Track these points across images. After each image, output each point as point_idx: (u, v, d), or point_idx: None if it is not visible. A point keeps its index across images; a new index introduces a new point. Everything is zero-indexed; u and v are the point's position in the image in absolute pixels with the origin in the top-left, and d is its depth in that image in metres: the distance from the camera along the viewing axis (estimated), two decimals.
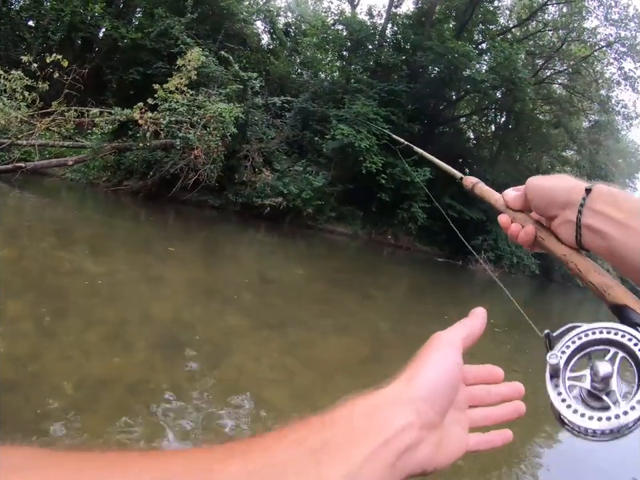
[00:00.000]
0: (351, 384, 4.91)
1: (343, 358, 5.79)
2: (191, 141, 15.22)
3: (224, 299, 7.30)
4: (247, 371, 4.75)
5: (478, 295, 16.40)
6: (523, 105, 24.25)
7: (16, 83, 14.99)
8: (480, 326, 0.59)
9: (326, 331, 6.75)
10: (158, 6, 21.11)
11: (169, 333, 5.31)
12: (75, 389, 3.73)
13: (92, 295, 6.16)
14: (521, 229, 0.75)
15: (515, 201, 0.78)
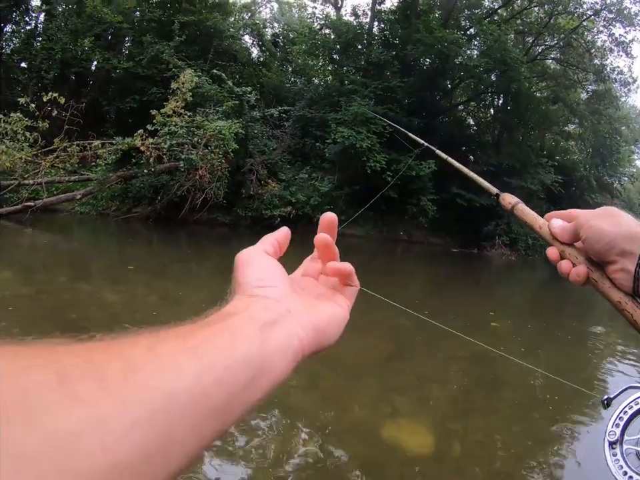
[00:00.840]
0: (377, 383, 4.93)
1: (367, 358, 5.76)
2: (194, 162, 15.33)
3: None
4: None
5: (496, 281, 16.28)
6: (518, 85, 24.09)
7: (16, 124, 15.22)
8: (279, 235, 0.60)
9: (347, 333, 6.58)
10: (145, 33, 21.38)
11: None
12: None
13: (112, 323, 6.17)
14: (571, 267, 0.72)
15: (563, 233, 0.74)
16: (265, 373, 0.42)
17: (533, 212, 0.83)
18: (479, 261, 20.76)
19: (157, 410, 0.32)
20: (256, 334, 0.43)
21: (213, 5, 24.03)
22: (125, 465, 0.30)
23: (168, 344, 0.38)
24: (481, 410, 4.56)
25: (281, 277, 0.54)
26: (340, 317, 0.57)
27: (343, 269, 0.60)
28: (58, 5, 21.99)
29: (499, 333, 7.77)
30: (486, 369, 5.72)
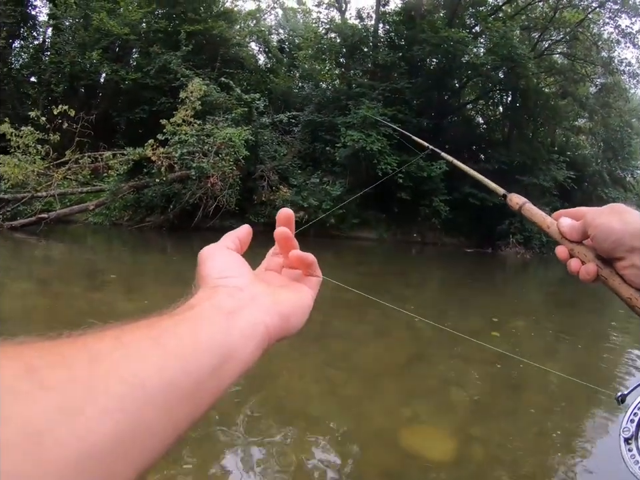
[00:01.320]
0: (397, 388, 4.88)
1: (385, 363, 5.71)
2: (205, 170, 15.38)
3: None
4: (291, 389, 4.73)
5: (511, 280, 16.17)
6: (526, 81, 24.01)
7: (27, 138, 15.38)
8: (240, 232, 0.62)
9: (364, 338, 6.69)
10: (152, 44, 21.50)
11: None
12: None
13: None
14: (580, 265, 0.72)
15: (572, 231, 0.73)
16: (232, 359, 0.43)
17: (540, 211, 0.83)
18: (494, 260, 20.62)
19: (126, 397, 0.33)
20: (220, 321, 0.44)
21: (218, 14, 24.14)
22: (99, 452, 0.30)
23: (133, 334, 0.38)
24: (501, 413, 4.52)
25: (244, 268, 0.55)
26: (304, 304, 0.58)
27: (305, 257, 0.61)
28: (65, 19, 22.09)
29: (517, 333, 7.70)
30: (505, 371, 5.65)
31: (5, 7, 21.10)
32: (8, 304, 7.53)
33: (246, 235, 0.62)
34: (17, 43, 24.11)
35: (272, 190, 18.72)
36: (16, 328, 6.18)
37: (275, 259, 0.66)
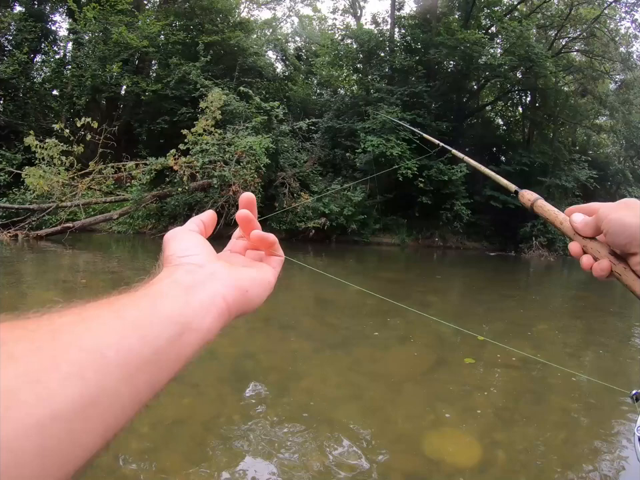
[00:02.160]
0: (420, 393, 4.87)
1: (408, 368, 5.70)
2: (227, 178, 15.46)
3: (283, 326, 7.38)
4: (315, 393, 4.73)
5: (536, 283, 15.96)
6: (545, 81, 23.73)
7: (52, 150, 15.64)
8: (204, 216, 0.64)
9: (388, 343, 6.67)
10: (171, 56, 21.77)
11: (235, 367, 5.39)
12: (151, 430, 3.80)
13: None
14: (593, 262, 0.71)
15: (585, 227, 0.72)
16: (191, 330, 0.45)
17: (553, 208, 0.83)
18: (517, 263, 20.41)
19: (86, 365, 0.35)
20: (179, 294, 0.47)
21: (234, 24, 24.33)
22: (61, 414, 0.32)
23: (94, 310, 0.41)
24: (526, 418, 4.47)
25: (205, 248, 0.57)
26: (264, 280, 0.60)
27: (266, 236, 0.63)
28: (84, 33, 22.40)
29: (542, 337, 7.62)
30: (530, 375, 5.61)
31: (26, 23, 21.58)
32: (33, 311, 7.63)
33: (210, 218, 0.65)
34: (38, 57, 24.58)
35: (293, 197, 18.75)
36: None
37: (239, 242, 0.68)
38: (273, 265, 0.65)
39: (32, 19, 22.09)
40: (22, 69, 21.11)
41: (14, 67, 20.37)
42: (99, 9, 21.42)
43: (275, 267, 0.65)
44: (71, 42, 25.12)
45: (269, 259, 0.65)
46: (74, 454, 0.34)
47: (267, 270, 0.63)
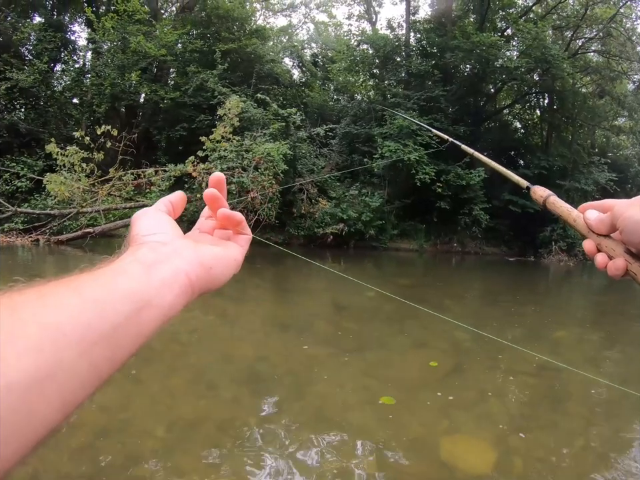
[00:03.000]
0: (437, 399, 4.82)
1: (424, 374, 5.68)
2: (245, 184, 15.54)
3: (299, 330, 7.37)
4: (330, 398, 4.73)
5: (555, 289, 15.82)
6: (562, 82, 23.49)
7: (72, 157, 15.89)
8: (173, 197, 0.65)
9: (404, 349, 6.66)
10: (189, 64, 21.99)
11: (251, 370, 5.41)
12: (166, 432, 3.85)
13: (172, 342, 6.36)
14: (608, 260, 0.69)
15: (599, 224, 0.70)
16: (151, 306, 0.47)
17: (566, 204, 0.80)
18: (536, 269, 20.20)
19: (44, 339, 0.37)
20: (139, 271, 0.48)
21: (251, 32, 24.46)
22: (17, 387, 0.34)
23: (53, 287, 0.42)
24: (544, 425, 4.42)
25: (171, 227, 0.58)
26: (229, 257, 0.61)
27: (233, 214, 0.64)
28: (103, 43, 22.74)
29: (561, 343, 7.55)
30: (548, 381, 5.56)
31: (46, 33, 21.95)
32: None
33: (178, 199, 0.66)
34: (58, 66, 24.98)
35: (311, 203, 18.80)
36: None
37: (207, 222, 0.69)
38: (241, 244, 0.66)
39: (51, 29, 22.44)
40: (42, 78, 21.43)
41: (34, 76, 20.69)
42: (117, 19, 21.77)
43: (242, 245, 0.66)
44: (90, 51, 25.55)
45: (236, 237, 0.67)
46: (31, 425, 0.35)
47: (233, 248, 0.64)
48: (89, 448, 3.55)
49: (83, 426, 3.93)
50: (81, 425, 3.97)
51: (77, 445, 3.60)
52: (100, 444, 3.63)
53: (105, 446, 3.60)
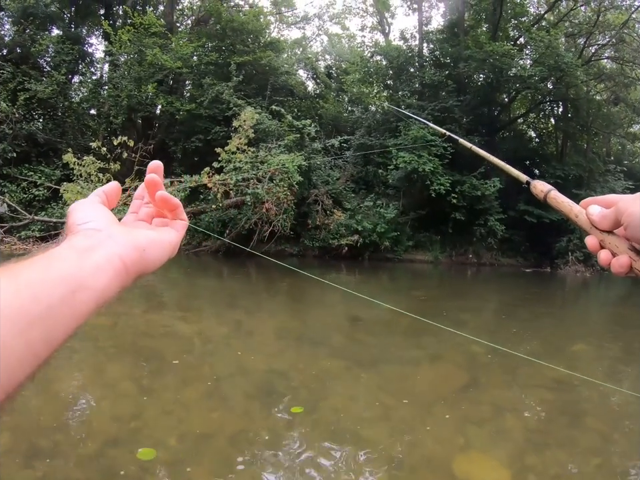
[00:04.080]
0: (451, 414, 4.76)
1: (439, 388, 5.63)
2: (260, 196, 15.59)
3: (314, 343, 7.35)
4: (344, 412, 4.70)
5: (572, 300, 15.63)
6: (576, 90, 23.40)
7: (89, 167, 16.13)
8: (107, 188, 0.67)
9: (419, 362, 6.61)
10: (204, 76, 22.26)
11: (264, 383, 5.39)
12: (178, 443, 3.84)
13: (186, 353, 6.42)
14: (611, 257, 0.67)
15: (602, 220, 0.67)
16: (86, 288, 0.48)
17: (567, 199, 0.78)
18: (553, 280, 19.97)
19: None
20: (73, 256, 0.50)
21: (265, 44, 24.66)
22: None
23: None
24: (560, 441, 4.34)
25: (105, 215, 0.60)
26: (164, 241, 0.63)
27: (170, 198, 0.66)
28: (120, 55, 23.05)
29: (578, 357, 7.45)
30: (565, 397, 5.47)
31: (64, 46, 22.39)
32: None
33: (112, 189, 0.68)
34: (76, 78, 25.54)
35: (326, 214, 18.80)
36: (76, 344, 6.42)
37: (145, 209, 0.70)
38: (177, 229, 0.68)
39: (69, 41, 22.90)
40: (60, 89, 21.81)
41: (52, 87, 21.06)
42: (134, 32, 22.11)
43: (178, 230, 0.68)
44: (107, 63, 25.95)
45: (173, 223, 0.69)
46: None
47: (168, 232, 0.66)
48: (99, 456, 3.57)
49: (94, 434, 3.94)
50: (91, 433, 3.99)
51: (87, 453, 3.61)
52: (110, 453, 3.64)
53: (115, 455, 3.61)
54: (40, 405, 4.47)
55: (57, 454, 3.60)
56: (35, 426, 4.05)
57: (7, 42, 22.21)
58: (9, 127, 19.58)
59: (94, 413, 4.47)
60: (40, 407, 4.43)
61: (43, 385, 4.97)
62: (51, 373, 5.38)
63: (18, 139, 19.75)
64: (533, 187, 0.88)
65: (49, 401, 4.62)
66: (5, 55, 21.91)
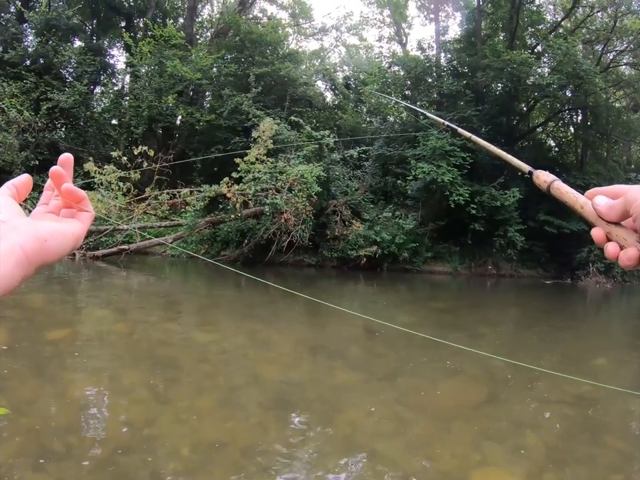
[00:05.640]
0: (468, 429, 4.70)
1: (457, 403, 5.54)
2: (279, 206, 15.66)
3: (331, 355, 7.31)
4: (359, 426, 4.65)
5: (593, 313, 15.40)
6: (595, 97, 22.94)
7: (110, 176, 16.43)
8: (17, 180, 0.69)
9: (437, 376, 6.53)
10: (224, 87, 22.54)
11: (279, 394, 5.36)
12: (190, 452, 3.83)
13: (202, 362, 6.43)
14: (619, 250, 0.63)
15: (609, 211, 0.65)
16: None
17: (572, 190, 0.75)
18: (573, 291, 19.61)
19: None
20: None
21: (284, 56, 24.87)
22: None
23: None
24: (580, 458, 4.24)
25: (12, 207, 0.62)
26: (67, 232, 0.65)
27: (75, 190, 0.69)
28: (141, 67, 23.42)
29: (601, 370, 7.32)
30: (586, 412, 5.35)
31: (86, 57, 22.91)
32: (86, 328, 8.03)
33: (22, 182, 0.69)
34: (98, 89, 26.15)
35: (345, 225, 18.76)
36: (93, 350, 6.50)
37: (55, 202, 0.72)
38: (82, 220, 0.71)
39: (91, 53, 23.42)
40: (82, 100, 22.29)
41: (75, 98, 21.48)
42: (154, 44, 22.54)
43: (83, 222, 0.71)
44: (128, 74, 26.52)
45: (78, 214, 0.71)
46: None
47: (72, 224, 0.68)
48: (111, 463, 3.58)
49: (106, 440, 3.96)
50: (103, 439, 4.00)
51: (99, 460, 3.64)
52: (122, 460, 3.64)
53: (126, 462, 3.62)
54: (54, 409, 4.53)
55: (69, 458, 3.64)
56: (48, 429, 4.11)
57: (31, 53, 22.71)
58: (31, 136, 19.97)
59: (108, 418, 4.50)
60: (54, 411, 4.49)
61: (58, 389, 5.03)
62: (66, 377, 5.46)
63: (40, 147, 20.12)
64: (535, 177, 0.85)
65: (63, 405, 4.67)
66: (28, 65, 22.37)
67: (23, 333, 7.04)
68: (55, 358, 6.08)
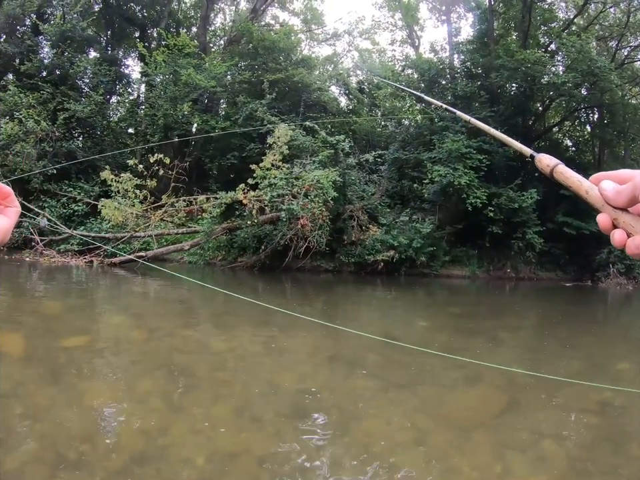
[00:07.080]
0: (489, 440, 4.61)
1: (477, 412, 5.46)
2: (295, 211, 15.66)
3: (348, 362, 7.26)
4: (376, 435, 4.57)
5: (614, 316, 15.15)
6: (611, 95, 22.75)
7: (127, 184, 16.70)
8: None
9: (457, 383, 6.44)
10: (238, 94, 22.75)
11: (296, 402, 5.30)
12: (205, 462, 3.80)
13: (218, 370, 6.42)
14: (626, 238, 0.61)
15: (617, 196, 0.62)
16: None
17: (576, 174, 0.73)
18: (594, 294, 19.34)
19: None
20: None
21: (297, 62, 24.95)
22: None
23: None
24: (603, 470, 4.14)
25: None
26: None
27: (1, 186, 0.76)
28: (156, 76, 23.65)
29: (624, 376, 7.16)
30: (610, 421, 5.24)
31: (101, 67, 23.24)
32: (103, 334, 8.08)
33: None
34: (113, 98, 26.51)
35: (361, 229, 18.72)
36: (109, 358, 6.53)
37: None
38: (9, 216, 0.77)
39: (106, 63, 23.76)
40: (99, 109, 22.60)
41: (91, 107, 21.78)
42: (168, 53, 22.80)
43: (10, 217, 0.77)
44: (143, 84, 26.83)
45: (6, 210, 0.77)
46: None
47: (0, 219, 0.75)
48: (125, 472, 3.57)
49: (120, 449, 3.95)
50: (119, 447, 3.99)
51: (113, 468, 3.62)
52: (136, 469, 3.63)
53: (141, 472, 3.60)
54: (69, 416, 4.52)
55: (83, 466, 3.63)
56: (63, 436, 4.10)
57: (47, 64, 23.03)
58: (49, 145, 20.24)
59: (122, 427, 4.49)
60: (69, 418, 4.47)
61: (73, 397, 5.04)
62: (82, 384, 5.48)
63: (58, 157, 20.37)
64: (537, 160, 0.82)
65: (78, 412, 4.68)
66: (44, 76, 22.69)
67: (39, 340, 7.11)
68: (70, 365, 6.11)
